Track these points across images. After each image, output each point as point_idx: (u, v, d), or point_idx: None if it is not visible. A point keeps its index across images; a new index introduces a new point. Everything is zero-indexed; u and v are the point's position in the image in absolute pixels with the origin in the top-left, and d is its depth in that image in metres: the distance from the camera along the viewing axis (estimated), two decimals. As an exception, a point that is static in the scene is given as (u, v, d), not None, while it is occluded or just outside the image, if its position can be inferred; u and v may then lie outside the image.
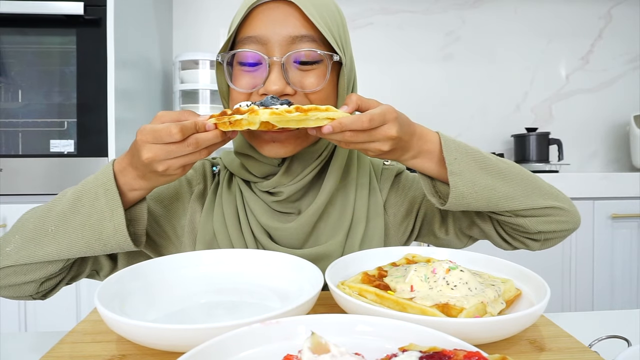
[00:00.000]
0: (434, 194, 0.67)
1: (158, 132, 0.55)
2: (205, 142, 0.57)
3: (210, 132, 0.58)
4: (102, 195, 0.61)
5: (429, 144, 0.64)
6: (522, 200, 0.65)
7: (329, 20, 0.66)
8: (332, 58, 0.66)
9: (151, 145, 0.56)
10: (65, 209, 0.61)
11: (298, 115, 0.55)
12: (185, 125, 0.56)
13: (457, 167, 0.62)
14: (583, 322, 0.65)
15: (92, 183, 0.62)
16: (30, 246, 0.61)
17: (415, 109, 2.33)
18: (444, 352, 0.33)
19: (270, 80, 0.64)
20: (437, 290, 0.49)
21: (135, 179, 0.61)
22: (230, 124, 0.56)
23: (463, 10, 2.33)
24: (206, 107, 1.89)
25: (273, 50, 0.64)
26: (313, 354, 0.32)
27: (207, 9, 2.23)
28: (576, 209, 0.70)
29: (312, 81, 0.66)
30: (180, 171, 0.60)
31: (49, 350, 0.44)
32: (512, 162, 0.68)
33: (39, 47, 1.62)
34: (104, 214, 0.60)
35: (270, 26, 0.64)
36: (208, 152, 0.60)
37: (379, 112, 0.57)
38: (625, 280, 1.81)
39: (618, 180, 1.78)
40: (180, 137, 0.55)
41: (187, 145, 0.56)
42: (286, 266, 0.60)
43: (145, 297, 0.54)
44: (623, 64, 2.39)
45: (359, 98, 0.60)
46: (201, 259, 0.62)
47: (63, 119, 1.60)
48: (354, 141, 0.58)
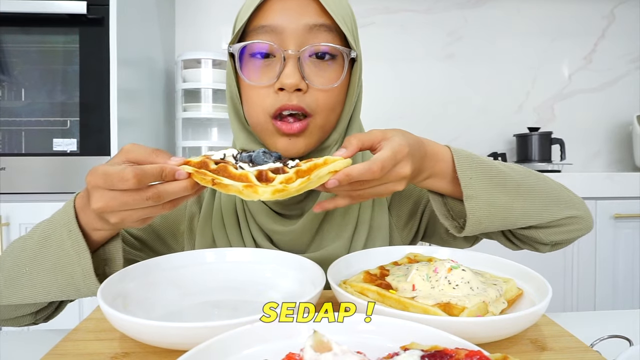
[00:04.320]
0: (447, 215, 0.63)
1: (110, 176, 0.46)
2: (170, 195, 0.48)
3: (178, 183, 0.48)
4: (67, 236, 0.54)
5: (441, 163, 0.59)
6: (539, 215, 0.62)
7: (344, 14, 0.65)
8: (350, 54, 0.64)
9: (103, 192, 0.47)
10: (35, 248, 0.56)
11: (301, 183, 0.47)
12: (145, 171, 0.46)
13: (473, 190, 0.58)
14: (585, 321, 0.65)
15: (58, 221, 0.56)
16: (10, 288, 0.57)
17: (417, 109, 2.33)
18: (446, 351, 0.33)
19: (285, 74, 0.61)
20: (438, 289, 0.49)
21: (94, 219, 0.53)
22: (215, 185, 0.47)
23: (465, 9, 2.33)
24: (208, 106, 1.89)
25: (288, 41, 0.62)
26: (315, 352, 0.32)
27: (209, 8, 2.23)
28: (589, 213, 0.68)
29: (327, 77, 0.64)
30: (139, 224, 0.51)
31: (52, 348, 0.44)
32: (525, 170, 0.65)
33: (42, 46, 1.62)
34: (71, 257, 0.54)
35: (286, 15, 0.62)
36: (173, 205, 0.50)
37: (390, 155, 0.51)
38: (627, 280, 1.81)
39: (621, 180, 1.77)
40: (134, 184, 0.46)
41: (146, 198, 0.47)
42: (288, 265, 0.60)
43: (148, 295, 0.54)
44: (626, 63, 2.39)
45: (358, 140, 0.54)
46: (203, 258, 0.62)
47: (66, 118, 1.60)
48: (364, 191, 0.52)
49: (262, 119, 0.65)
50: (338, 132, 0.70)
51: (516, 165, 0.65)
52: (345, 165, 0.50)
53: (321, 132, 0.67)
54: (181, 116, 1.92)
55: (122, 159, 0.50)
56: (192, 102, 1.93)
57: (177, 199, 0.50)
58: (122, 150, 0.50)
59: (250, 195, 0.45)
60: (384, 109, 2.29)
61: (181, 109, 1.92)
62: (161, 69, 2.03)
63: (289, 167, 0.49)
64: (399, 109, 2.32)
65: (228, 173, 0.47)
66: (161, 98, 2.02)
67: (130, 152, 0.50)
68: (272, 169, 0.48)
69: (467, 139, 2.34)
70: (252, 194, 0.45)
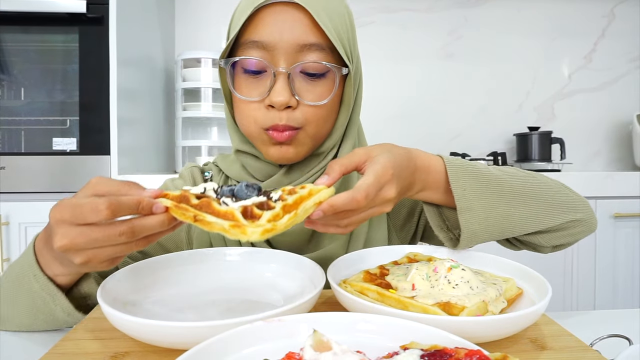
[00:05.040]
0: (442, 226, 0.61)
1: (79, 207, 0.41)
2: (146, 230, 0.43)
3: (155, 217, 0.43)
4: (34, 280, 0.51)
5: (434, 174, 0.57)
6: (539, 221, 0.60)
7: (339, 25, 0.63)
8: (341, 71, 0.63)
9: (68, 228, 0.42)
10: (10, 289, 0.54)
11: (288, 219, 0.44)
12: (121, 202, 0.42)
13: (468, 202, 0.56)
14: (584, 321, 0.65)
15: (23, 263, 0.53)
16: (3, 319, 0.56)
17: (417, 108, 2.32)
18: (445, 351, 0.33)
19: (275, 91, 0.61)
20: (438, 288, 0.49)
21: (53, 263, 0.50)
22: (197, 221, 0.43)
23: (465, 8, 2.33)
24: (208, 106, 1.89)
25: (279, 58, 0.61)
26: (315, 351, 0.32)
27: (209, 7, 2.23)
28: (592, 214, 0.66)
29: (318, 94, 0.63)
30: (106, 264, 0.46)
31: (52, 347, 0.44)
32: (523, 174, 0.63)
33: (42, 46, 1.62)
34: (45, 299, 0.51)
35: (277, 31, 0.60)
36: (146, 242, 0.45)
37: (373, 181, 0.49)
38: (627, 279, 1.81)
39: (620, 180, 1.77)
40: (107, 216, 0.41)
41: (119, 234, 0.42)
42: (288, 264, 0.60)
43: (148, 294, 0.54)
44: (626, 62, 2.38)
45: (340, 165, 0.52)
46: (203, 257, 0.62)
47: (65, 117, 1.60)
48: (351, 220, 0.50)
49: (254, 129, 0.65)
50: (333, 140, 0.70)
51: (513, 170, 0.63)
52: (330, 194, 0.48)
53: (313, 141, 0.67)
54: (181, 115, 1.92)
55: (90, 193, 0.45)
56: (192, 101, 1.92)
57: (152, 235, 0.45)
58: (89, 184, 0.45)
59: (237, 235, 0.42)
60: (384, 109, 2.29)
61: (181, 108, 1.92)
62: (161, 68, 2.03)
63: (273, 200, 0.47)
64: (399, 108, 2.31)
65: (212, 209, 0.43)
66: (161, 97, 2.02)
67: (99, 184, 0.45)
68: (256, 204, 0.45)
69: (467, 137, 2.34)
70: (240, 235, 0.41)
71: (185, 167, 0.80)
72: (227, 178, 0.75)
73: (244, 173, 0.72)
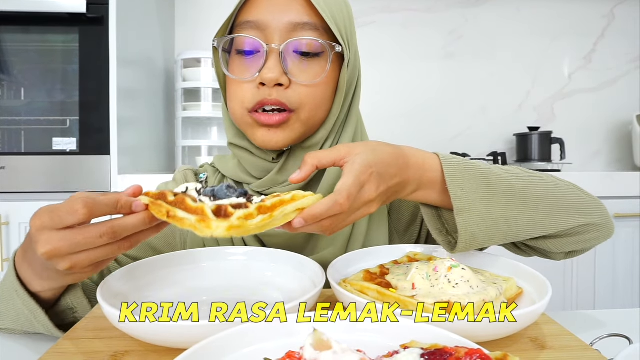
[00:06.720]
0: (441, 230, 0.58)
1: (57, 212, 0.41)
2: (128, 229, 0.43)
3: (135, 216, 0.43)
4: (16, 296, 0.51)
5: (430, 172, 0.54)
6: (546, 225, 0.56)
7: (335, 9, 0.63)
8: (334, 49, 0.62)
9: (49, 234, 0.42)
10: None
11: (262, 220, 0.42)
12: (97, 201, 0.42)
13: (465, 202, 0.53)
14: (584, 320, 0.65)
15: (6, 280, 0.52)
16: None
17: (417, 108, 2.32)
18: (446, 349, 0.33)
19: (266, 67, 0.60)
20: (438, 288, 0.49)
21: (33, 279, 0.49)
22: (169, 217, 0.42)
23: (466, 8, 2.33)
24: (208, 105, 1.89)
25: (272, 36, 0.61)
26: (315, 350, 0.32)
27: (209, 7, 2.23)
28: (608, 218, 0.61)
29: (311, 72, 0.62)
30: (90, 270, 0.45)
31: (52, 346, 0.44)
32: (529, 174, 0.59)
33: (42, 46, 1.62)
34: (27, 316, 0.51)
35: (271, 11, 0.60)
36: (130, 244, 0.45)
37: (353, 181, 0.47)
38: (627, 279, 1.81)
39: (620, 180, 1.77)
40: (85, 215, 0.41)
41: (100, 235, 0.41)
42: (288, 264, 0.60)
43: (148, 293, 0.54)
44: (626, 63, 2.38)
45: (314, 158, 0.50)
46: (203, 257, 0.62)
47: (65, 117, 1.60)
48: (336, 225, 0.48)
49: (240, 112, 0.64)
50: (326, 129, 0.68)
51: (518, 169, 0.59)
52: (315, 201, 0.46)
53: (304, 127, 0.65)
54: (181, 115, 1.92)
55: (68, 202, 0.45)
56: (192, 101, 1.92)
57: (136, 235, 0.44)
58: (69, 198, 0.45)
59: (202, 230, 0.40)
60: (384, 108, 2.29)
61: (181, 108, 1.92)
62: (161, 68, 2.03)
63: (253, 202, 0.45)
64: (399, 108, 2.31)
65: (185, 205, 0.42)
66: (161, 97, 2.02)
67: (78, 194, 0.45)
68: (233, 204, 0.43)
69: (467, 137, 2.34)
70: (205, 229, 0.40)
71: (178, 170, 0.79)
72: (223, 178, 0.74)
73: (240, 170, 0.71)
